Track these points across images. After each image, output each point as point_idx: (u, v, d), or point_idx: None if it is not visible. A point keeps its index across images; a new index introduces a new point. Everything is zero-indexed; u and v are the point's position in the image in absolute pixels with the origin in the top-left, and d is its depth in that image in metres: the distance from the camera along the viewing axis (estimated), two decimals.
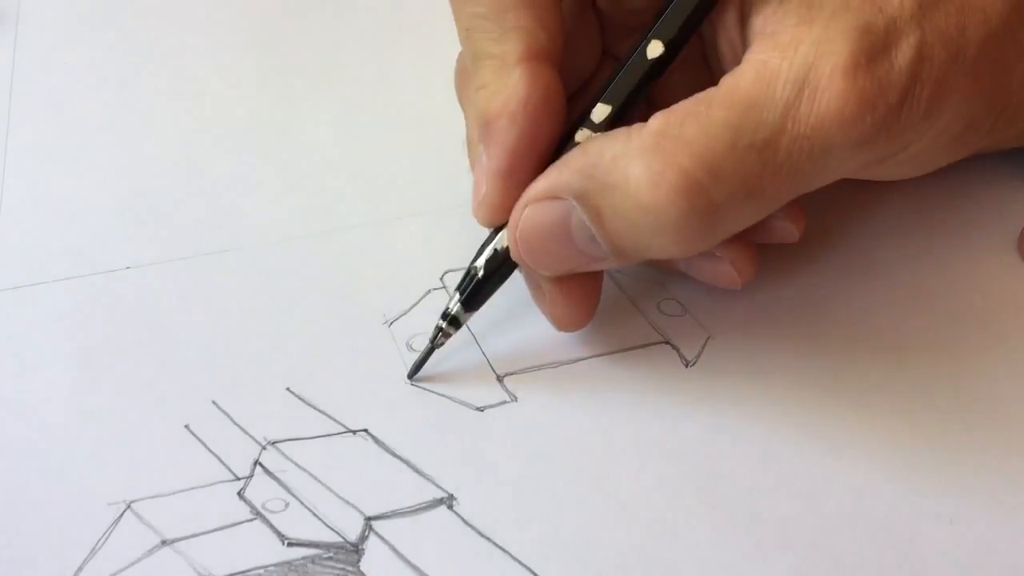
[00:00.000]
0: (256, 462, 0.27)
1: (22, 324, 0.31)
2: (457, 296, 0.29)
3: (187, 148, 0.38)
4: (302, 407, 0.29)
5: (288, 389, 0.29)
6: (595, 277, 0.29)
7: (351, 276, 0.33)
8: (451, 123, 0.38)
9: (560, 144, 0.28)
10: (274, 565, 0.25)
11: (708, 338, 0.30)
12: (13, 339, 0.31)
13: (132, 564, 0.25)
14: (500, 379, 0.29)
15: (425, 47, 0.42)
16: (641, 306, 0.31)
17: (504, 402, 0.29)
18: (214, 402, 0.29)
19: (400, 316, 0.31)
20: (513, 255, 0.28)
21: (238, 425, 0.28)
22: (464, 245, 0.31)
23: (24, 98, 0.41)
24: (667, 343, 0.30)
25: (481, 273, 0.29)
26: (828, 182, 0.26)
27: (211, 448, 0.28)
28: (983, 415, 0.28)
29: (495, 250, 0.28)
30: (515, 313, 0.31)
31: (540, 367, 0.30)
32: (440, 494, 0.26)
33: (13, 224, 0.35)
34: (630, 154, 0.25)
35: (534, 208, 0.27)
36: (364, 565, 0.25)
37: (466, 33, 0.28)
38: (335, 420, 0.28)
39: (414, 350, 0.30)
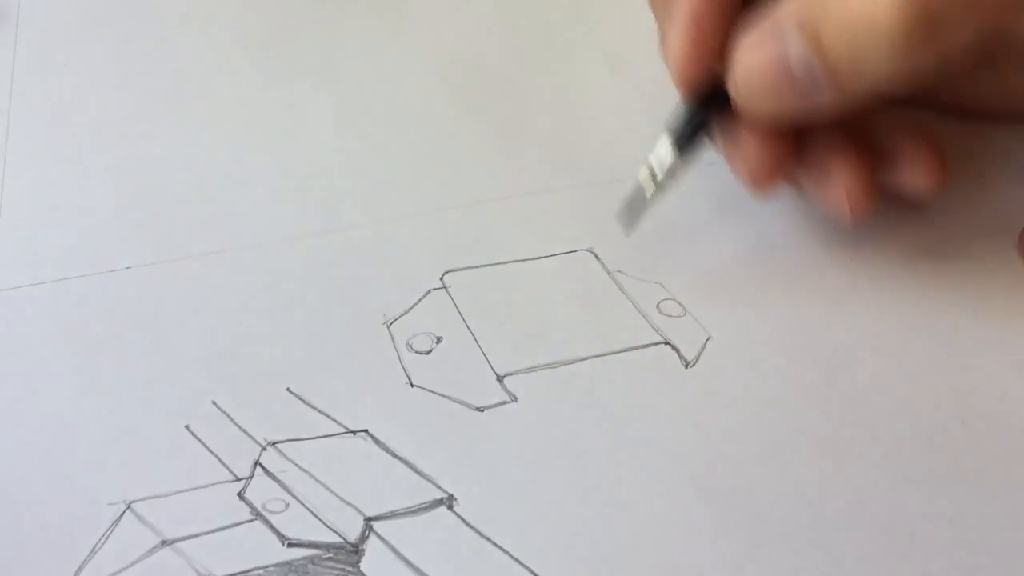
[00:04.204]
0: (256, 463, 0.27)
1: (22, 324, 0.31)
2: (669, 140, 0.30)
3: (187, 148, 0.38)
4: (302, 407, 0.29)
5: (288, 389, 0.29)
6: (787, 139, 0.30)
7: (351, 276, 0.32)
8: (451, 122, 0.38)
9: None
10: (274, 565, 0.25)
11: (708, 338, 0.30)
12: (13, 339, 0.31)
13: (132, 564, 0.25)
14: (500, 379, 0.29)
15: (425, 46, 0.42)
16: (641, 306, 0.31)
17: (504, 402, 0.29)
18: (214, 402, 0.29)
19: (400, 316, 0.31)
20: (733, 94, 0.29)
21: (238, 425, 0.28)
22: (464, 245, 0.31)
23: (24, 98, 0.41)
24: (667, 343, 0.30)
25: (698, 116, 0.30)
26: None
27: (211, 448, 0.28)
28: (983, 415, 0.28)
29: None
30: (515, 313, 0.31)
31: (540, 367, 0.30)
32: (440, 494, 0.26)
33: (13, 224, 0.35)
34: None
35: (754, 47, 0.28)
36: (364, 565, 0.25)
37: None
38: (335, 420, 0.28)
39: (414, 350, 0.30)
